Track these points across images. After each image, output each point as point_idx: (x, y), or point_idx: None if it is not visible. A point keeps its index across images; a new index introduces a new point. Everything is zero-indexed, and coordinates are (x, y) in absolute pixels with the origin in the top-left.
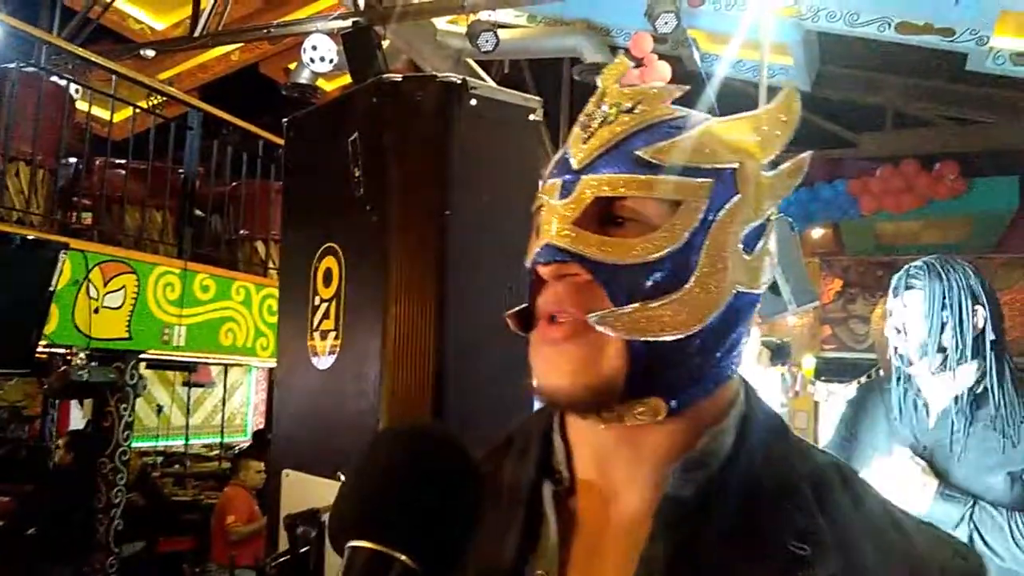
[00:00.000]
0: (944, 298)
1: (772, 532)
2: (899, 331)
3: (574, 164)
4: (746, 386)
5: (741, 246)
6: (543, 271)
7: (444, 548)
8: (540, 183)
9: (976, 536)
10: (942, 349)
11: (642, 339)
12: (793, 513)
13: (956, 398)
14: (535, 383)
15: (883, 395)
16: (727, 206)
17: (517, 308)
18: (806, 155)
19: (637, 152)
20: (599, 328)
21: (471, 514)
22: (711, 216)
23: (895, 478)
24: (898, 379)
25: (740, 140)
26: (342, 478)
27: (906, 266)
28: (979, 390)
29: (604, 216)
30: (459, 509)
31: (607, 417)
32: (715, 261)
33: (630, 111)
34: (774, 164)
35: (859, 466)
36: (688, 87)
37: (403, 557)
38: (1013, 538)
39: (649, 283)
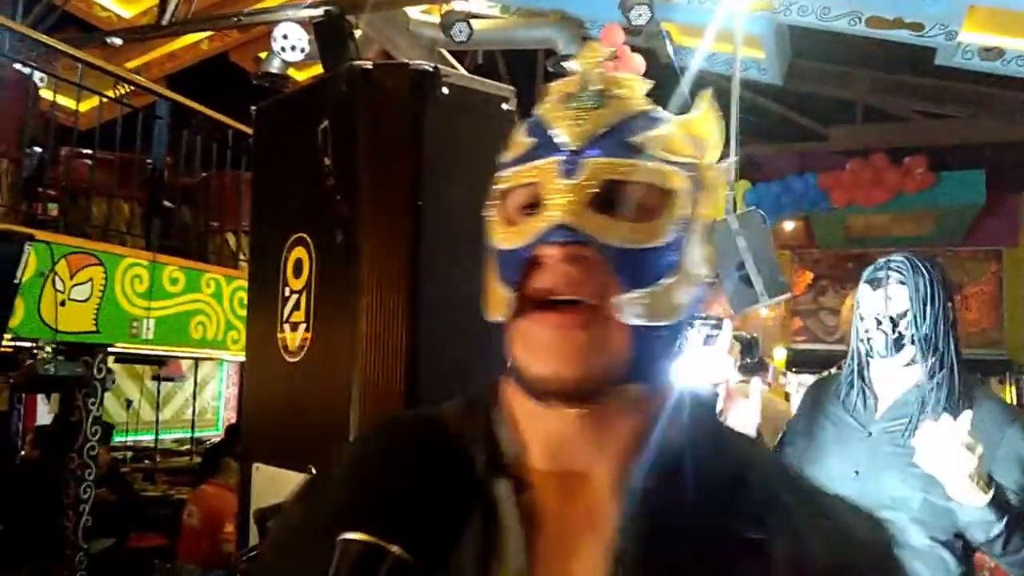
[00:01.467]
0: (927, 293)
1: (731, 521)
2: (879, 322)
3: (570, 145)
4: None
5: (704, 238)
6: (552, 252)
7: (436, 538)
8: (512, 161)
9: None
10: (916, 341)
11: (647, 324)
12: (745, 501)
13: (912, 388)
14: (531, 370)
15: (834, 383)
16: (698, 200)
17: (505, 293)
18: (730, 162)
19: (631, 139)
20: (620, 314)
21: (463, 507)
22: (690, 208)
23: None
24: (858, 369)
25: (702, 138)
26: (313, 471)
27: (884, 259)
28: (932, 382)
29: (608, 199)
30: (451, 499)
31: (588, 407)
32: (693, 250)
33: (615, 98)
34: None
35: (805, 452)
36: (654, 82)
37: (395, 548)
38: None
39: (655, 269)
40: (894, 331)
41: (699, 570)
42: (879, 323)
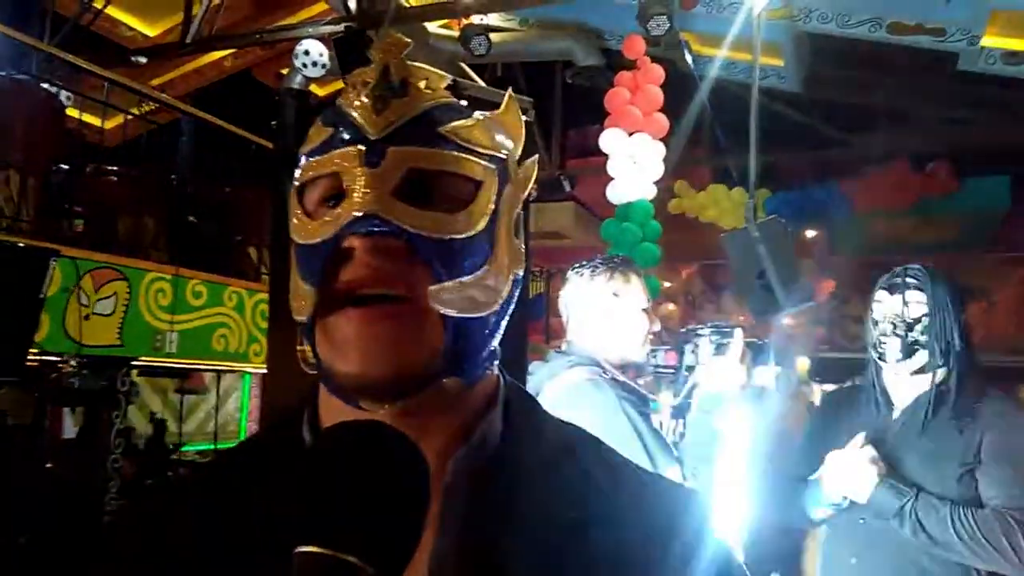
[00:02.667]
0: (944, 301)
1: (550, 505)
2: (894, 327)
3: (370, 133)
4: (501, 370)
5: (513, 232)
6: (358, 243)
7: (394, 547)
8: (310, 151)
9: (917, 525)
10: (929, 348)
11: (461, 316)
12: (563, 485)
13: (922, 394)
14: (337, 369)
15: (850, 393)
16: (504, 192)
17: (308, 289)
18: (535, 158)
19: (440, 129)
20: (436, 305)
21: (421, 512)
22: (498, 200)
23: (845, 465)
24: (872, 377)
25: (508, 133)
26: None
27: (902, 267)
28: (943, 387)
29: (414, 189)
30: (408, 508)
31: (402, 405)
32: (503, 243)
33: (418, 88)
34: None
35: (817, 457)
36: (451, 77)
37: (353, 560)
38: (953, 527)
39: (466, 259)
40: (908, 336)
41: (522, 559)
42: (894, 327)
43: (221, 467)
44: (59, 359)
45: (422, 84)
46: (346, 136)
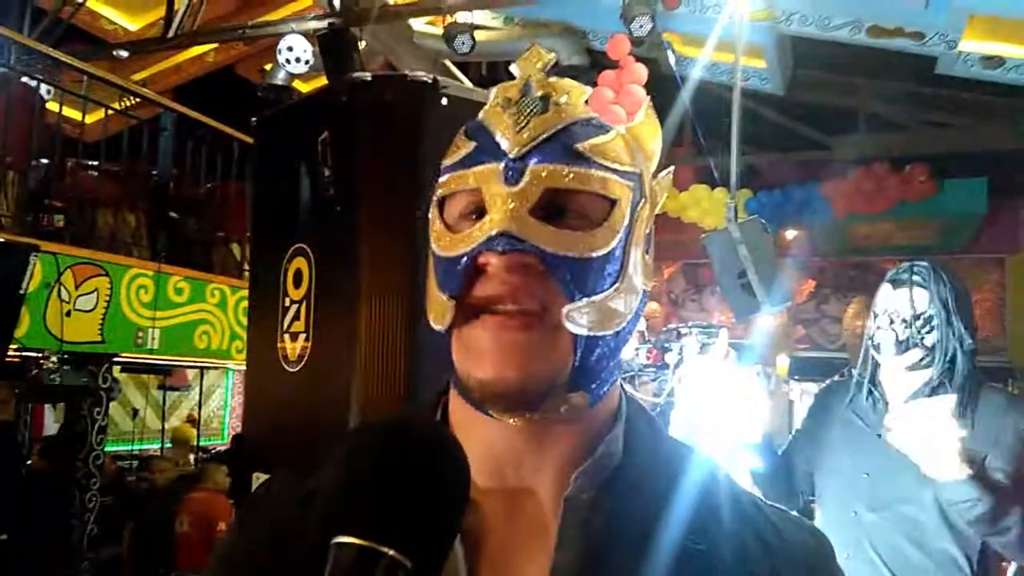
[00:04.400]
0: (946, 301)
1: (670, 531)
2: (891, 322)
3: (511, 151)
4: (622, 386)
5: (644, 248)
6: (495, 260)
7: (432, 541)
8: (452, 165)
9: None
10: (924, 348)
11: (590, 334)
12: (686, 511)
13: (920, 389)
14: (472, 376)
15: (844, 387)
16: (639, 208)
17: (446, 301)
18: (670, 170)
19: (576, 146)
20: (567, 323)
21: (460, 506)
22: (632, 216)
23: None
24: (868, 371)
25: (644, 147)
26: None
27: (907, 263)
28: (937, 384)
29: (550, 207)
30: (447, 501)
31: (531, 416)
32: (634, 260)
33: (558, 104)
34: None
35: (814, 455)
36: (589, 88)
37: (391, 552)
38: None
39: (597, 278)
40: (904, 332)
41: None
42: (891, 321)
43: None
44: (40, 355)
45: (563, 100)
46: (488, 152)
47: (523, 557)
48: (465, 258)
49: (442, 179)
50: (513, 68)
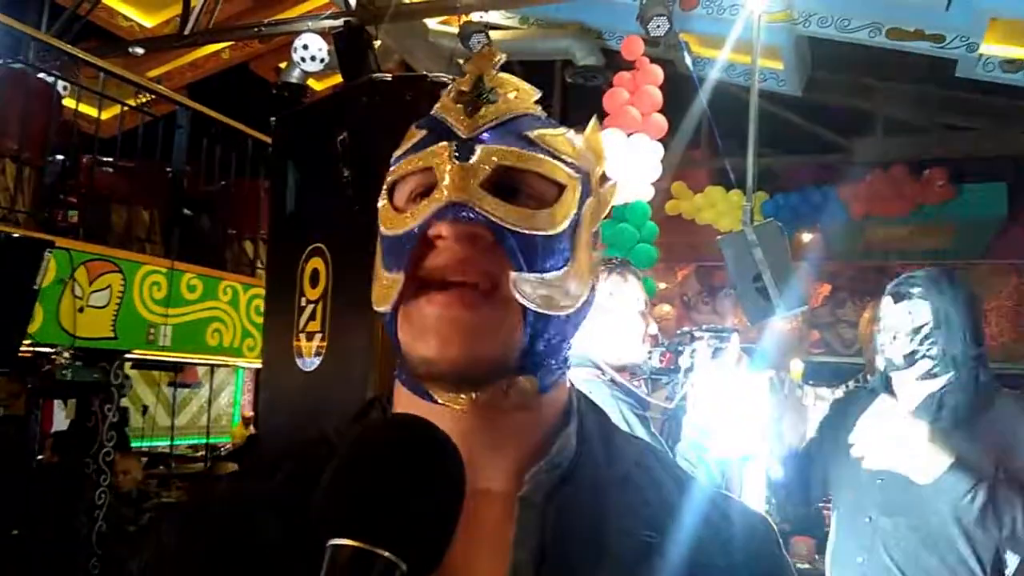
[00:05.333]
0: (945, 311)
1: (625, 524)
2: (895, 337)
3: (461, 133)
4: (570, 381)
5: (592, 244)
6: (445, 230)
7: (428, 544)
8: (403, 152)
9: (989, 509)
10: (932, 358)
11: (539, 311)
12: (638, 505)
13: (926, 398)
14: (417, 353)
15: (861, 397)
16: (587, 202)
17: (393, 277)
18: (615, 183)
19: (527, 133)
20: (515, 294)
21: (456, 508)
22: (580, 208)
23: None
24: (882, 381)
25: (592, 151)
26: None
27: (907, 274)
28: (945, 392)
29: (501, 186)
30: (443, 503)
31: (480, 398)
32: (582, 250)
33: (508, 99)
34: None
35: (830, 463)
36: (540, 92)
37: (387, 554)
38: None
39: (547, 257)
40: (910, 344)
41: (596, 575)
42: (895, 337)
43: (290, 457)
44: (52, 351)
45: (511, 95)
46: (439, 135)
47: (481, 558)
48: (414, 232)
49: (392, 167)
50: (464, 66)
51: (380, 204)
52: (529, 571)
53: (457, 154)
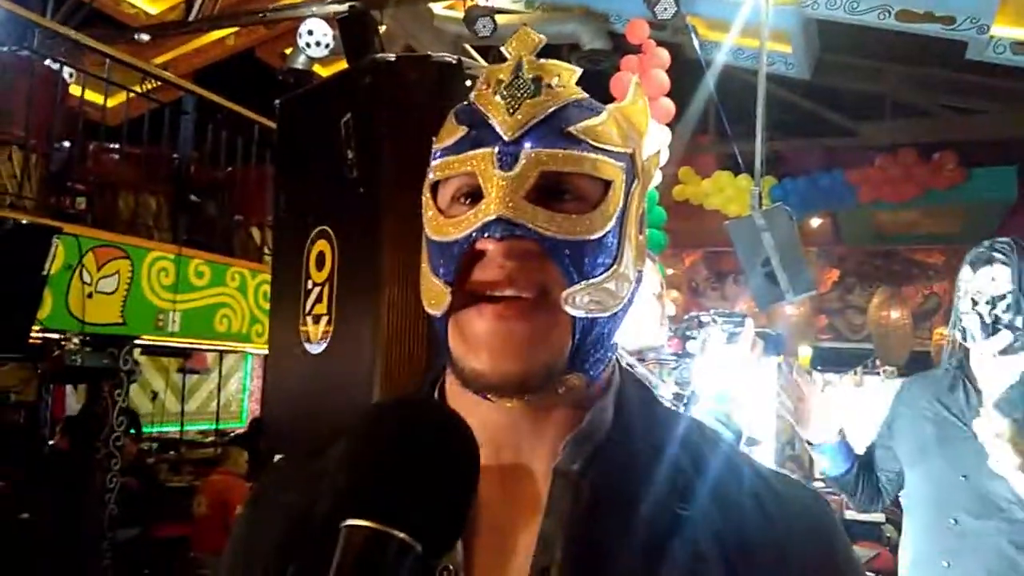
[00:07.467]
0: None
1: (656, 496)
2: (974, 303)
3: (505, 135)
4: (617, 359)
5: (637, 228)
6: (492, 247)
7: (442, 525)
8: (445, 149)
9: None
10: (1017, 327)
11: (589, 316)
12: (672, 476)
13: (1017, 383)
14: (470, 367)
15: (932, 380)
16: (632, 189)
17: (442, 287)
18: (658, 151)
19: (569, 128)
20: (566, 307)
21: (470, 490)
22: (627, 200)
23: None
24: (958, 362)
25: (635, 127)
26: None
27: (990, 240)
28: None
29: (546, 190)
30: (457, 485)
31: (531, 400)
32: (629, 241)
33: (550, 86)
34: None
35: (902, 457)
36: (579, 69)
37: (401, 535)
38: None
39: (595, 261)
40: (990, 314)
41: (628, 548)
42: (975, 303)
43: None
44: (62, 336)
45: (554, 81)
46: (481, 136)
47: (515, 529)
48: (461, 243)
49: (435, 163)
50: (504, 50)
51: (424, 201)
52: (558, 539)
53: (501, 163)
